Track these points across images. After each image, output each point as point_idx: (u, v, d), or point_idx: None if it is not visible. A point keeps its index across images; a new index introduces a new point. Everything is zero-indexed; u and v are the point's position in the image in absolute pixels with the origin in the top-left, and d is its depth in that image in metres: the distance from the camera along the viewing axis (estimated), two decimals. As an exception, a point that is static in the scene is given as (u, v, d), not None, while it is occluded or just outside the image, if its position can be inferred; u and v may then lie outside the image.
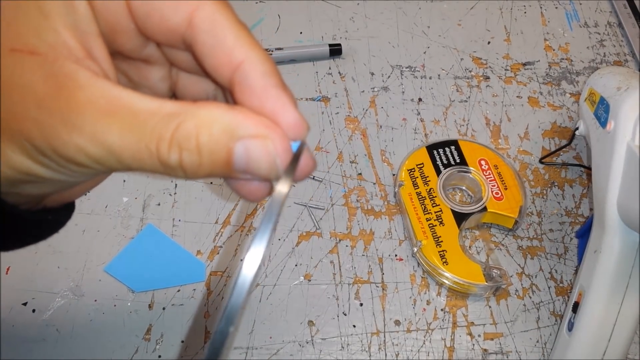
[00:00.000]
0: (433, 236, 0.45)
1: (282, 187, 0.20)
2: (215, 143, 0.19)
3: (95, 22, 0.20)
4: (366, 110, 0.55)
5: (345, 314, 0.44)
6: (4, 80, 0.19)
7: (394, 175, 0.51)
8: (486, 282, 0.43)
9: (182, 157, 0.19)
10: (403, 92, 0.56)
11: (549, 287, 0.45)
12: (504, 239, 0.47)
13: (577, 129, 0.47)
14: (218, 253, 0.46)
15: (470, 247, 0.47)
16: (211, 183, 0.50)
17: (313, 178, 0.50)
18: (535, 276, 0.46)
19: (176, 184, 0.50)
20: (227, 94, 0.25)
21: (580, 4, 0.64)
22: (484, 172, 0.49)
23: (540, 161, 0.52)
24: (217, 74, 0.21)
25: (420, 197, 0.47)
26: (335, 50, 0.58)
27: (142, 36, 0.22)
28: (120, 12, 0.21)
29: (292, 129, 0.21)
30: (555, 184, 0.50)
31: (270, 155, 0.20)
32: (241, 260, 0.46)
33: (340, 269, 0.46)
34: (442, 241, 0.45)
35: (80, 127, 0.18)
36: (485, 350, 0.43)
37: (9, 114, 0.19)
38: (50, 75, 0.19)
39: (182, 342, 0.42)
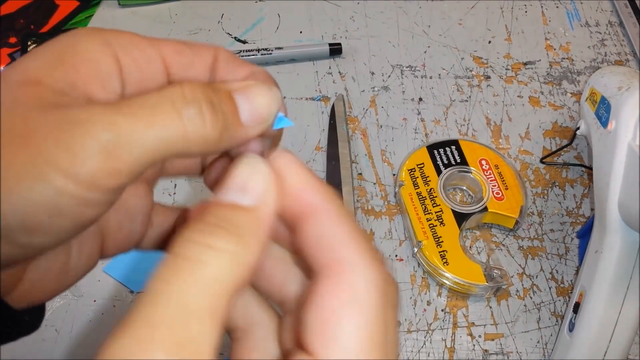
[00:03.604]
0: (433, 236, 0.45)
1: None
2: (219, 93, 0.19)
3: (118, 81, 0.21)
4: (366, 109, 0.55)
5: (345, 315, 0.44)
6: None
7: (394, 175, 0.51)
8: (487, 282, 0.43)
9: (201, 107, 0.18)
10: (403, 91, 0.56)
11: (549, 288, 0.45)
12: (504, 239, 0.47)
13: (578, 128, 0.47)
14: (218, 253, 0.46)
15: (470, 247, 0.47)
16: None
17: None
18: (536, 276, 0.46)
19: (175, 184, 0.50)
20: None
21: (581, 3, 0.63)
22: (485, 172, 0.48)
23: (541, 161, 0.51)
24: None
25: (421, 197, 0.47)
26: (335, 50, 0.58)
27: None
28: (156, 66, 0.21)
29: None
30: (556, 183, 0.50)
31: (265, 89, 0.20)
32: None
33: (340, 269, 0.45)
34: (442, 241, 0.45)
35: (85, 119, 0.17)
36: (486, 350, 0.42)
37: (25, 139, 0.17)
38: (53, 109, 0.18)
39: (182, 342, 0.42)
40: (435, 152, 0.50)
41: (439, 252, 0.44)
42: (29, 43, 0.60)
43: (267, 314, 0.22)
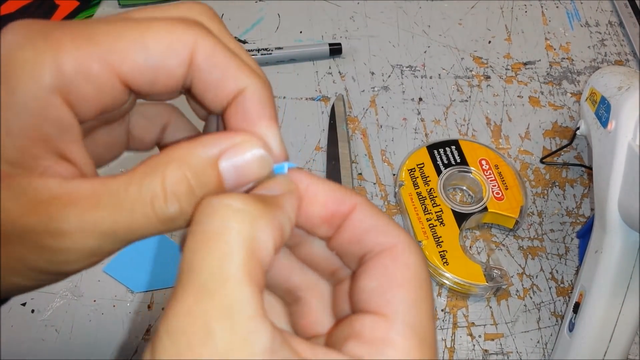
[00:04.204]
0: (433, 236, 0.45)
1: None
2: (202, 173, 0.19)
3: (72, 118, 0.19)
4: (366, 109, 0.55)
5: (345, 315, 0.44)
6: None
7: (394, 175, 0.51)
8: (487, 282, 0.43)
9: (181, 203, 0.19)
10: (403, 91, 0.56)
11: (549, 288, 0.45)
12: (504, 239, 0.47)
13: (578, 128, 0.47)
14: (218, 253, 0.46)
15: (470, 247, 0.47)
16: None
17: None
18: (536, 276, 0.46)
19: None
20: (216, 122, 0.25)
21: (581, 3, 0.63)
22: (485, 172, 0.48)
23: (541, 161, 0.51)
24: (217, 104, 0.21)
25: (421, 197, 0.47)
26: (335, 50, 0.58)
27: (132, 96, 0.21)
28: (114, 92, 0.20)
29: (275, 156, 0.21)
30: (556, 183, 0.50)
31: (255, 151, 0.20)
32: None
33: (340, 269, 0.45)
34: (442, 241, 0.45)
35: (67, 230, 0.18)
36: (486, 350, 0.42)
37: None
38: (20, 193, 0.18)
39: (182, 342, 0.42)
40: (435, 152, 0.50)
41: (439, 252, 0.44)
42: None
43: (275, 299, 0.24)
